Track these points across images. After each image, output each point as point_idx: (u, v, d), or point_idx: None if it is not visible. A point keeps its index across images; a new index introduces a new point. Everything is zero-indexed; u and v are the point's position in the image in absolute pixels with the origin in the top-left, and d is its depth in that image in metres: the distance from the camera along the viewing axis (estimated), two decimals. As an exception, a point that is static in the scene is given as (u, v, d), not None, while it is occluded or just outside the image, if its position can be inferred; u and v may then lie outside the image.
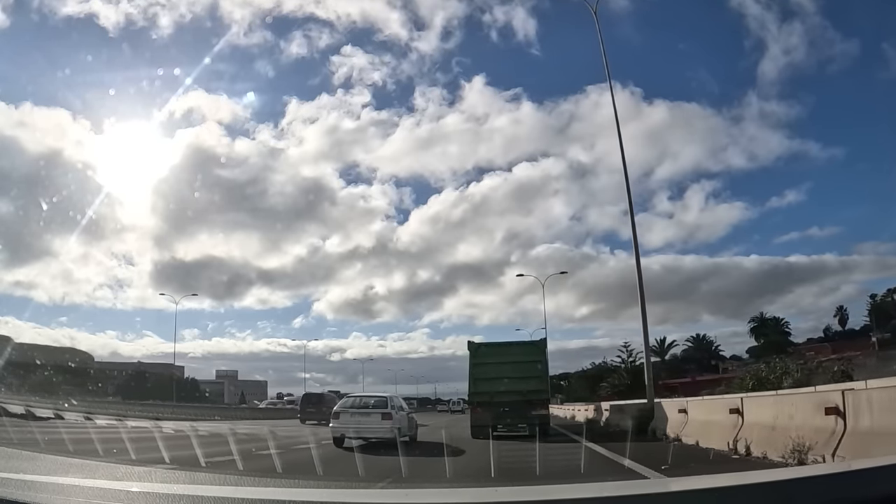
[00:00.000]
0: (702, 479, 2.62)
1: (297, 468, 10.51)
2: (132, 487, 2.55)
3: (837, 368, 21.58)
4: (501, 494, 2.66)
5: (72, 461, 10.95)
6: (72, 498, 2.33)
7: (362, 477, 9.30)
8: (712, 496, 2.04)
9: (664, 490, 2.35)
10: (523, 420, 19.07)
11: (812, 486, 2.02)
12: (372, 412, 16.41)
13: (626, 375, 58.33)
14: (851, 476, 2.12)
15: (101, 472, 8.83)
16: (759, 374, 22.60)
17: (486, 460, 10.64)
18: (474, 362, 20.25)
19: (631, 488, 2.76)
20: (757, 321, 72.73)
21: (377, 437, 15.65)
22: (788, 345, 62.48)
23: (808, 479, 2.14)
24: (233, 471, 9.37)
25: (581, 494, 2.29)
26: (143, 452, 11.87)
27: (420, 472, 10.35)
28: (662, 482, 4.92)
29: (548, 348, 22.23)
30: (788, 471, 4.53)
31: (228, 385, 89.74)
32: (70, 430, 17.17)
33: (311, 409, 36.51)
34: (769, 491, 2.04)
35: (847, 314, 71.92)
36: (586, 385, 67.76)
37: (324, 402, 36.37)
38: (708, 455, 11.35)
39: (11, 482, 2.45)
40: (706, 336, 76.93)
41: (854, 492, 1.92)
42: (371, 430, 15.95)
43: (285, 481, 8.48)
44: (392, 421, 16.05)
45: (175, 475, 8.76)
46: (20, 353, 41.99)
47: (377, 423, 15.99)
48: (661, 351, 74.05)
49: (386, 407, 16.54)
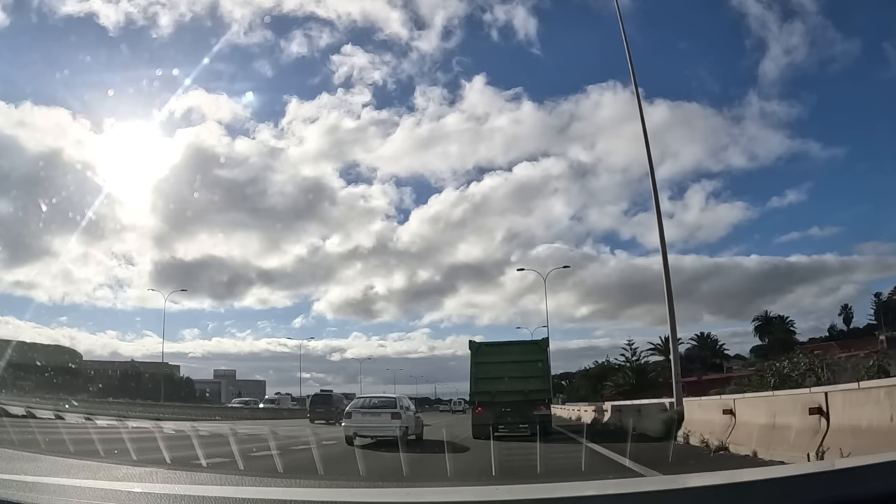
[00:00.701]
0: (701, 476, 2.62)
1: (298, 468, 10.52)
2: (134, 488, 2.55)
3: (873, 363, 20.48)
4: (502, 493, 2.66)
5: (42, 458, 10.93)
6: (73, 499, 2.33)
7: (363, 476, 9.30)
8: (711, 494, 2.04)
9: (664, 488, 2.35)
10: (525, 420, 19.03)
11: (810, 483, 2.02)
12: (382, 412, 17.23)
13: (631, 374, 57.73)
14: (849, 473, 2.13)
15: (73, 471, 8.85)
16: (781, 370, 21.39)
17: (487, 459, 10.64)
18: (476, 362, 20.20)
19: (631, 486, 2.76)
20: (761, 320, 71.86)
21: (386, 435, 16.22)
22: (794, 343, 62.18)
23: (807, 476, 2.14)
24: (234, 471, 9.38)
25: (581, 492, 2.29)
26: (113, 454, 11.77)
27: (422, 472, 10.36)
28: (662, 480, 4.91)
29: (549, 347, 22.14)
30: (787, 468, 4.53)
31: (226, 385, 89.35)
32: (42, 429, 17.05)
33: (320, 409, 37.86)
34: (768, 488, 2.04)
35: (852, 313, 71.42)
36: (589, 384, 67.16)
37: (332, 402, 37.87)
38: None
39: (13, 483, 2.46)
40: (710, 334, 75.49)
41: (853, 489, 1.93)
42: (381, 429, 16.67)
43: (286, 481, 8.48)
44: (401, 420, 16.91)
45: (176, 475, 8.76)
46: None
47: (387, 423, 16.77)
48: (666, 349, 73.30)
49: (395, 407, 17.42)
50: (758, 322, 72.23)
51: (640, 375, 57.20)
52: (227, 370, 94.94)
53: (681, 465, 10.37)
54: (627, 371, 59.17)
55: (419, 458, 12.48)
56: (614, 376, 58.82)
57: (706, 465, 10.43)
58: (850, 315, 71.20)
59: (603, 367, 67.35)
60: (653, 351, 69.21)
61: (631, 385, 54.09)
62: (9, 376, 36.25)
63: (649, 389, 48.17)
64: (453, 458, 11.42)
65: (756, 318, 72.64)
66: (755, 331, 72.47)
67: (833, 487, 1.97)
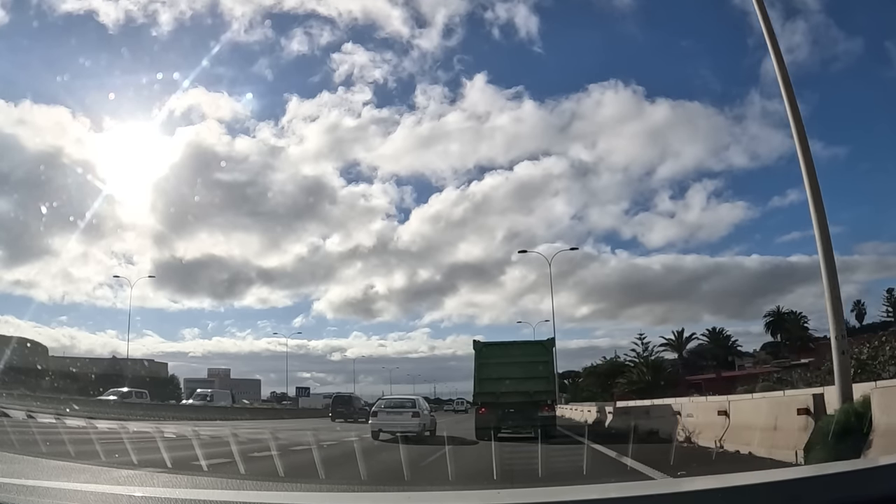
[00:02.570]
0: (707, 479, 2.60)
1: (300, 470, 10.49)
2: (135, 492, 2.54)
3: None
4: (504, 497, 2.64)
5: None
6: (73, 503, 2.32)
7: (366, 480, 9.28)
8: (718, 496, 2.03)
9: (668, 491, 2.33)
10: (529, 421, 18.94)
11: (818, 484, 2.01)
12: (403, 411, 20.09)
13: (646, 371, 54.66)
14: (857, 475, 2.11)
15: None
16: (859, 356, 18.54)
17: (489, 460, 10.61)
18: (480, 362, 20.11)
19: (635, 489, 2.74)
20: (773, 315, 67.90)
21: (407, 431, 18.44)
22: (810, 340, 58.60)
23: (814, 478, 2.13)
24: (235, 474, 9.36)
25: (585, 496, 2.27)
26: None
27: (424, 470, 10.34)
28: (667, 483, 4.90)
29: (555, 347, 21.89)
30: (794, 470, 4.51)
31: (219, 384, 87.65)
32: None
33: (341, 409, 42.02)
34: (775, 490, 2.02)
35: (865, 309, 68.73)
36: (597, 383, 64.02)
37: (351, 403, 42.93)
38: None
39: (13, 487, 2.45)
40: (723, 330, 70.51)
41: (857, 491, 1.91)
42: (402, 426, 18.97)
43: (287, 484, 8.46)
44: (419, 418, 19.80)
45: (178, 479, 8.75)
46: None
47: (408, 420, 19.60)
48: (679, 345, 68.71)
49: (414, 407, 20.31)
50: (769, 318, 68.27)
51: (657, 372, 54.77)
52: (222, 369, 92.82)
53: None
54: (642, 367, 56.01)
55: (422, 456, 12.49)
56: (627, 373, 56.12)
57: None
58: (862, 311, 68.48)
59: (612, 363, 64.12)
60: (665, 347, 66.48)
61: (647, 383, 51.74)
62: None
63: (666, 388, 46.74)
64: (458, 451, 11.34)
65: (767, 314, 68.78)
66: (766, 327, 68.63)
67: (837, 490, 1.95)
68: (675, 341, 67.96)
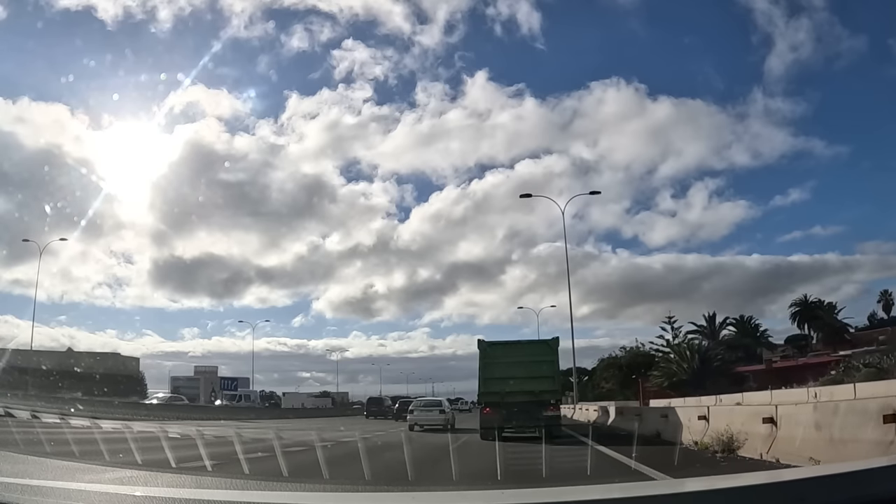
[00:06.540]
0: (710, 479, 2.59)
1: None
2: (136, 491, 2.55)
3: None
4: (507, 497, 2.64)
5: None
6: (76, 503, 2.32)
7: (369, 479, 9.28)
8: (720, 497, 2.02)
9: (671, 491, 2.32)
10: (534, 421, 18.86)
11: (821, 485, 2.00)
12: (433, 409, 27.56)
13: (690, 359, 42.88)
14: (863, 475, 2.10)
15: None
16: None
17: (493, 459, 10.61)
18: (485, 362, 20.00)
19: (637, 490, 2.73)
20: (800, 305, 60.52)
21: (436, 425, 25.56)
22: (845, 331, 53.90)
23: (817, 478, 2.11)
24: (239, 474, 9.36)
25: (588, 496, 2.27)
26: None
27: (426, 470, 10.34)
28: (669, 483, 4.88)
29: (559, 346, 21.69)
30: (797, 471, 4.49)
31: (205, 382, 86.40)
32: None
33: (374, 409, 51.20)
34: (778, 491, 2.02)
35: (893, 300, 65.13)
36: (615, 377, 54.43)
37: (383, 403, 53.00)
38: None
39: (16, 486, 2.45)
40: (752, 319, 62.52)
41: (867, 490, 1.90)
42: (432, 421, 25.99)
43: (290, 484, 8.47)
44: (444, 415, 26.70)
45: (180, 479, 8.76)
46: None
47: (436, 416, 26.58)
48: (712, 331, 59.82)
49: (441, 406, 28.03)
50: (795, 308, 60.92)
51: (704, 363, 42.98)
52: (209, 367, 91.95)
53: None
54: (686, 354, 43.85)
55: (423, 456, 12.52)
56: (664, 365, 44.96)
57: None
58: (890, 302, 64.67)
59: (636, 353, 54.03)
60: (695, 334, 55.79)
61: (693, 373, 41.44)
62: None
63: (716, 380, 39.29)
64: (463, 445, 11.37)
65: (794, 303, 61.31)
66: (792, 318, 61.18)
67: (842, 490, 1.94)
68: (706, 327, 59.72)
